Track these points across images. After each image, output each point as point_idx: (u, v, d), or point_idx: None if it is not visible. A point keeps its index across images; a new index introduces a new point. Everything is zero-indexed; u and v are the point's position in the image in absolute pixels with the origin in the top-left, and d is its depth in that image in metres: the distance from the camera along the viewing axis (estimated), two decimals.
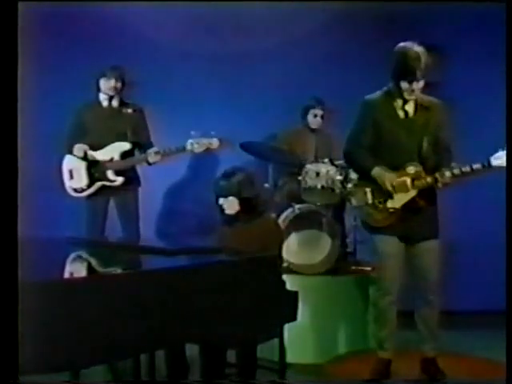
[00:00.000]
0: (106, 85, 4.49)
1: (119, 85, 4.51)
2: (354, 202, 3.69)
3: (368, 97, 3.62)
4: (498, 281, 3.55)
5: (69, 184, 4.54)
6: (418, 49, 3.40)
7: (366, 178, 3.59)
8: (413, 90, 3.44)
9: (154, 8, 5.10)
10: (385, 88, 3.57)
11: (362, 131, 3.60)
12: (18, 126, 2.33)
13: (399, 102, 3.52)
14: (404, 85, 3.44)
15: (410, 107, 3.53)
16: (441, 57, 3.70)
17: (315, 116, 5.05)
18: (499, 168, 3.35)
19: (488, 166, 3.38)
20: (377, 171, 3.51)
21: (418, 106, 3.53)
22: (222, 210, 3.47)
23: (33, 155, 4.31)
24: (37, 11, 4.35)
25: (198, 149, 4.43)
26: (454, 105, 3.68)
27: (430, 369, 3.68)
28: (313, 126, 5.08)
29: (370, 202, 3.58)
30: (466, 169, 3.41)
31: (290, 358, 3.47)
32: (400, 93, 3.48)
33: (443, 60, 3.80)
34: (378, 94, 3.60)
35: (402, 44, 3.46)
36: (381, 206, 3.54)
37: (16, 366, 2.10)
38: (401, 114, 3.53)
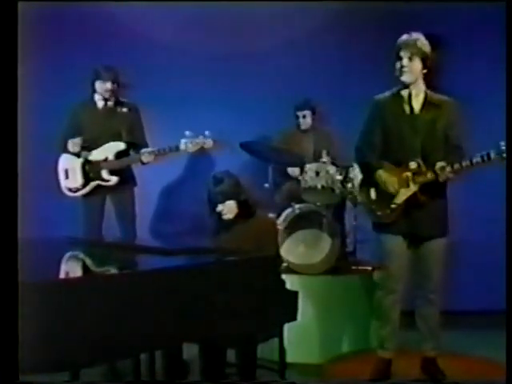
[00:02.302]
0: (103, 87, 4.49)
1: (115, 86, 4.51)
2: (359, 197, 3.70)
3: (377, 96, 3.64)
4: (498, 281, 3.56)
5: (64, 184, 4.54)
6: (414, 35, 3.48)
7: (370, 177, 3.60)
8: (403, 67, 3.44)
9: (151, 8, 5.10)
10: (394, 88, 3.58)
11: (370, 130, 3.62)
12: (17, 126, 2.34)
13: (405, 96, 3.52)
14: (397, 64, 3.47)
15: (417, 103, 3.52)
16: (440, 45, 3.70)
17: (302, 117, 5.08)
18: (500, 160, 3.32)
19: (488, 159, 3.35)
20: (380, 174, 3.52)
21: (426, 103, 3.53)
22: (219, 216, 3.48)
23: (30, 155, 4.30)
24: (36, 11, 4.36)
25: (191, 148, 4.42)
26: (459, 101, 3.66)
27: (430, 369, 3.67)
28: (302, 127, 5.11)
29: (373, 198, 3.58)
30: (466, 163, 3.38)
31: (290, 357, 3.47)
32: (402, 84, 3.49)
33: (443, 48, 3.80)
34: (387, 93, 3.62)
35: None
36: (383, 203, 3.55)
37: (16, 366, 2.10)
38: (407, 109, 3.53)
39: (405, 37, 3.50)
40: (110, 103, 4.57)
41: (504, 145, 3.28)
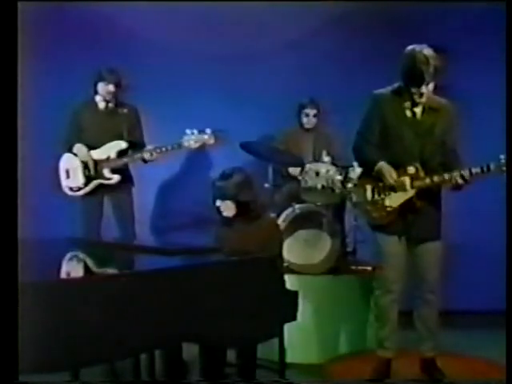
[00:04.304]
0: (105, 89, 4.51)
1: (117, 89, 4.53)
2: (354, 198, 3.70)
3: (377, 92, 3.59)
4: (498, 281, 3.56)
5: (65, 183, 4.56)
6: (427, 52, 3.35)
7: (369, 173, 3.58)
8: (422, 94, 3.42)
9: (151, 7, 5.10)
10: (395, 85, 3.54)
11: (369, 127, 3.59)
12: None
13: (408, 103, 3.49)
14: (413, 89, 3.42)
15: (418, 109, 3.51)
16: (449, 58, 3.67)
17: (307, 115, 5.06)
18: (499, 172, 3.34)
19: (487, 170, 3.38)
20: (380, 165, 3.51)
21: (426, 108, 3.50)
22: (219, 211, 3.46)
23: (30, 155, 4.30)
24: (36, 11, 4.36)
25: (193, 145, 4.45)
26: (459, 107, 3.65)
27: (429, 369, 3.67)
28: (306, 126, 5.08)
29: (369, 199, 3.58)
30: (465, 172, 3.40)
31: (290, 357, 3.46)
32: (409, 95, 3.45)
33: (451, 61, 3.77)
34: (387, 89, 3.57)
35: (411, 46, 3.42)
36: (379, 204, 3.55)
37: (16, 366, 2.10)
38: (408, 114, 3.51)
39: (430, 54, 3.34)
40: (110, 104, 4.59)
41: (504, 158, 3.30)
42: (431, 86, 3.43)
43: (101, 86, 4.52)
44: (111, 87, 4.50)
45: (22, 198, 2.45)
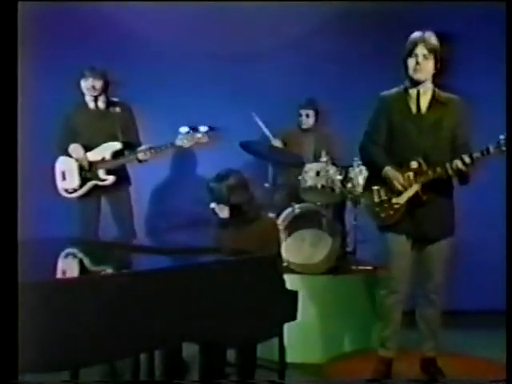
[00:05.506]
0: (85, 85, 4.51)
1: (98, 84, 4.50)
2: (362, 200, 3.68)
3: (383, 93, 3.60)
4: (498, 281, 3.56)
5: (61, 185, 4.56)
6: (425, 31, 3.45)
7: (375, 175, 3.58)
8: (418, 64, 3.41)
9: (149, 7, 5.10)
10: (401, 85, 3.55)
11: (375, 128, 3.59)
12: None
13: (413, 94, 3.49)
14: (410, 62, 3.43)
15: (424, 102, 3.50)
16: (451, 44, 3.67)
17: (305, 116, 5.07)
18: (499, 154, 3.32)
19: (487, 153, 3.34)
20: (387, 171, 3.51)
21: (433, 101, 3.50)
22: (215, 213, 3.46)
23: (30, 155, 4.30)
24: (34, 11, 4.36)
25: (187, 144, 4.44)
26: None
27: (429, 368, 3.67)
28: (304, 126, 5.09)
29: (376, 200, 3.57)
30: (466, 159, 3.36)
31: (291, 357, 3.47)
32: (412, 82, 3.46)
33: (454, 47, 3.77)
34: (393, 90, 3.58)
35: None
36: (386, 203, 3.54)
37: (16, 366, 2.10)
38: (413, 108, 3.50)
39: (419, 34, 3.44)
40: (101, 103, 4.58)
41: (503, 139, 3.28)
42: (430, 63, 3.42)
43: (83, 84, 4.52)
44: (90, 81, 4.47)
45: (21, 200, 2.45)
